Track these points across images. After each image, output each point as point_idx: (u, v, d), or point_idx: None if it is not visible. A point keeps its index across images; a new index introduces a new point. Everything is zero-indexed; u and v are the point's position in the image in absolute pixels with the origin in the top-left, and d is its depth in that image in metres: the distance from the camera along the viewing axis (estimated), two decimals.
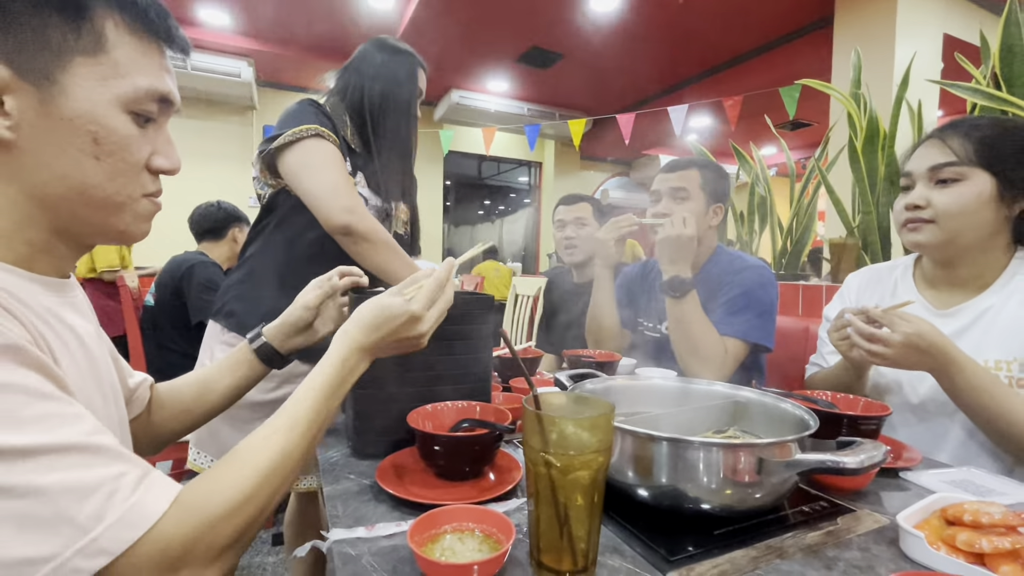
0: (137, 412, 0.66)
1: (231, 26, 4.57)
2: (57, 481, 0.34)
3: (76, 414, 0.38)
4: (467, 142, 6.39)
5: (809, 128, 6.25)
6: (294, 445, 0.48)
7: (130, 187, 0.47)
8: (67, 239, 0.48)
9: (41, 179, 0.43)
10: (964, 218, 0.83)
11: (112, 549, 0.35)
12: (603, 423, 0.45)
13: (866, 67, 2.01)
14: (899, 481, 0.69)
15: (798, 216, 2.13)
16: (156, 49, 0.48)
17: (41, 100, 0.42)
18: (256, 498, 0.44)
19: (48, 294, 0.47)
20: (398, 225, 1.27)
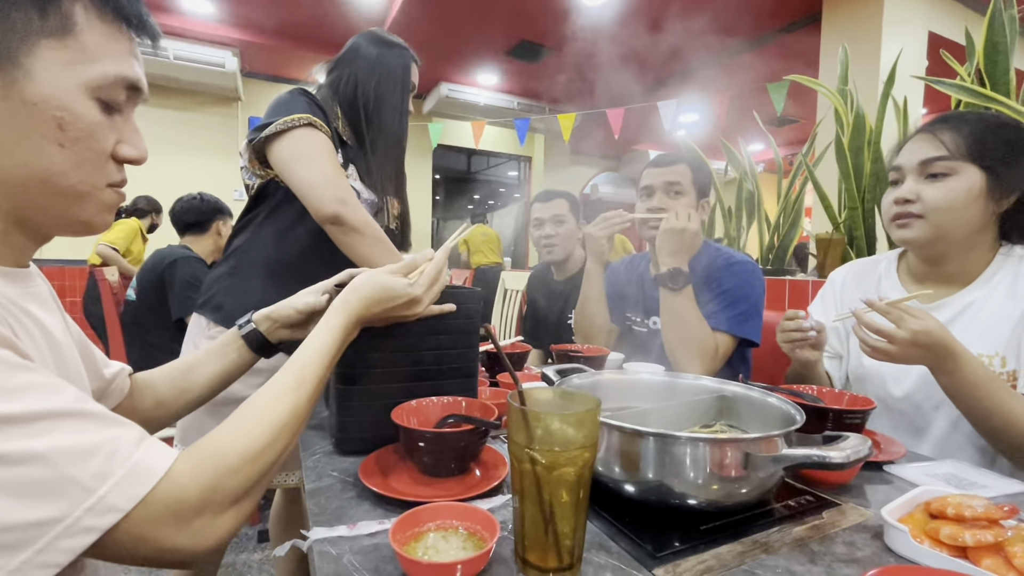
0: (116, 402, 0.65)
1: (215, 15, 4.48)
2: (55, 445, 0.34)
3: (58, 384, 0.37)
4: (456, 136, 6.34)
5: (797, 124, 6.31)
6: (301, 405, 0.51)
7: (95, 176, 0.45)
8: (25, 229, 0.46)
9: (1, 165, 0.41)
10: (953, 213, 0.82)
11: (121, 506, 0.35)
12: (589, 419, 0.45)
13: (853, 64, 2.02)
14: (883, 475, 0.69)
15: (785, 211, 2.15)
16: (125, 35, 0.46)
17: (4, 83, 0.40)
18: (270, 450, 0.46)
19: (7, 285, 0.45)
20: (389, 220, 1.25)
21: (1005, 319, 0.81)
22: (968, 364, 0.72)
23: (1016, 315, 0.80)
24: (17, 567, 0.32)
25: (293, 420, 0.50)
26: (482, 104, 5.71)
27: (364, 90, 1.16)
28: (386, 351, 0.71)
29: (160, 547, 0.38)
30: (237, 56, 4.82)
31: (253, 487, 0.45)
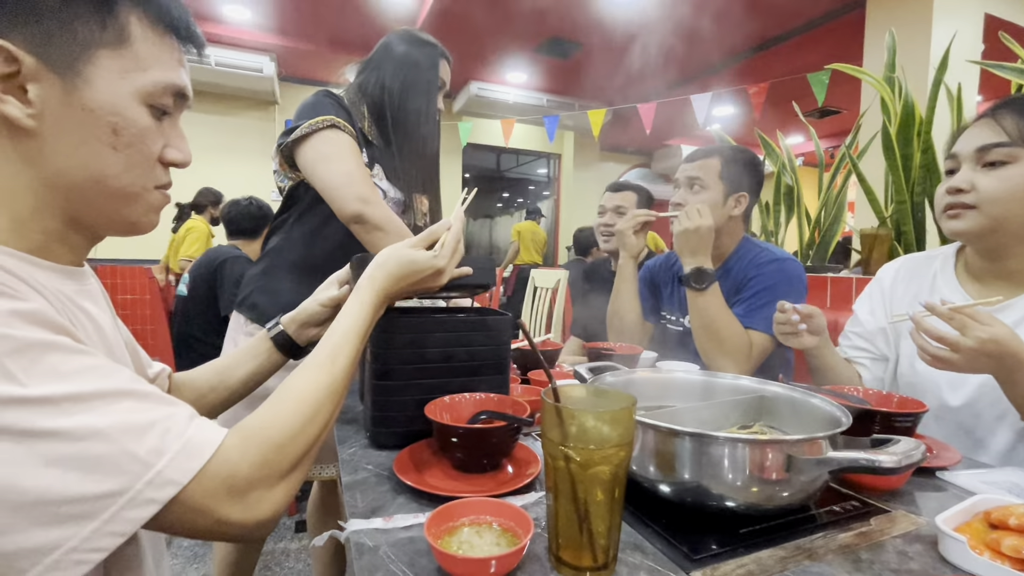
0: None
1: (253, 21, 4.62)
2: (114, 422, 0.36)
3: (113, 367, 0.40)
4: (486, 134, 6.36)
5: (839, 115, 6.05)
6: (337, 379, 0.53)
7: (144, 178, 0.48)
8: (80, 229, 0.48)
9: (60, 167, 0.44)
10: (1011, 204, 0.76)
11: (178, 479, 0.37)
12: (624, 417, 0.44)
13: (901, 50, 1.92)
14: (936, 481, 0.66)
15: (827, 206, 2.06)
16: (174, 44, 0.49)
17: (65, 90, 0.42)
18: (312, 424, 0.48)
19: (65, 282, 0.47)
20: (418, 217, 1.26)
21: None
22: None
23: None
24: (88, 535, 0.34)
25: (331, 394, 0.51)
26: (511, 102, 5.71)
27: (390, 89, 1.17)
28: (420, 347, 0.71)
29: (218, 519, 0.40)
30: (274, 61, 4.96)
31: (300, 460, 0.47)
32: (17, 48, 0.40)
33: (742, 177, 1.22)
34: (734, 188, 1.21)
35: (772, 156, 2.25)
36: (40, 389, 0.35)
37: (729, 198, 1.21)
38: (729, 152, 1.24)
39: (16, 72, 0.41)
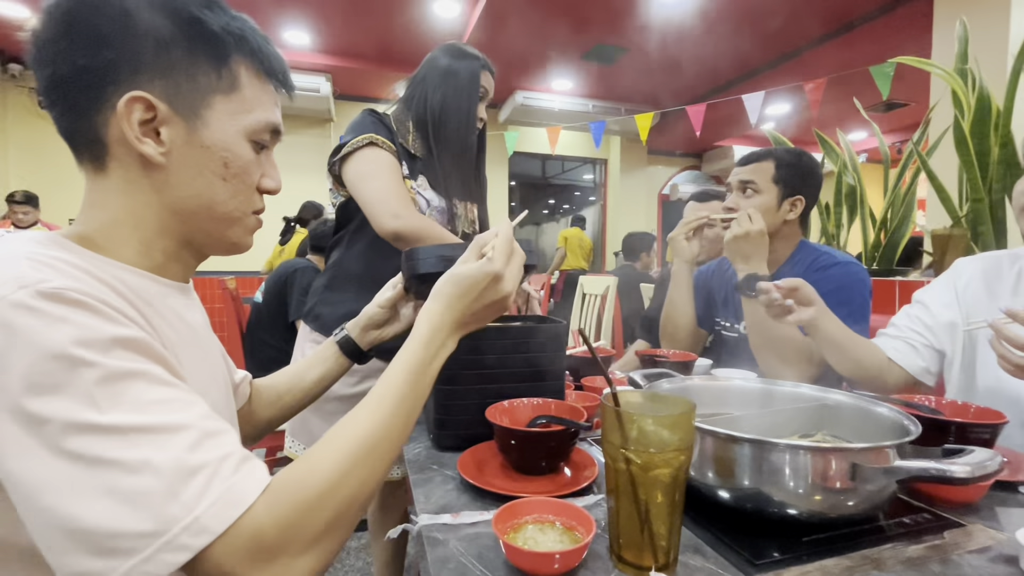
0: (240, 405, 0.74)
1: (311, 45, 4.90)
2: (168, 458, 0.36)
3: (192, 401, 0.41)
4: (532, 142, 6.42)
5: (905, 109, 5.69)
6: (381, 423, 0.48)
7: (245, 204, 0.55)
8: (191, 249, 0.56)
9: (181, 195, 0.51)
10: None
11: (214, 528, 0.36)
12: (684, 422, 0.45)
13: (974, 39, 1.81)
14: (1018, 496, 0.63)
15: (894, 206, 1.96)
16: (271, 88, 0.56)
17: (188, 131, 0.50)
18: (349, 480, 0.43)
19: (176, 296, 0.55)
20: (465, 224, 1.30)
21: None
22: None
23: None
24: (127, 571, 0.35)
25: (373, 441, 0.46)
26: (557, 109, 5.75)
27: (431, 102, 1.22)
28: (480, 354, 0.75)
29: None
30: (330, 81, 5.23)
31: (335, 522, 0.42)
32: (155, 98, 0.47)
33: (797, 180, 1.19)
34: (789, 192, 1.18)
35: (831, 155, 2.17)
36: (115, 417, 0.36)
37: (784, 202, 1.19)
38: (784, 154, 1.21)
39: (153, 118, 0.48)
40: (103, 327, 0.39)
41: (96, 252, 0.48)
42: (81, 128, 0.48)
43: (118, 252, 0.50)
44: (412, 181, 1.20)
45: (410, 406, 0.51)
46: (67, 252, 0.45)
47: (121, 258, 0.50)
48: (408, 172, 1.19)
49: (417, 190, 1.21)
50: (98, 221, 0.50)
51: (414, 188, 1.20)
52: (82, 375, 0.36)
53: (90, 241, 0.49)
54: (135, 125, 0.47)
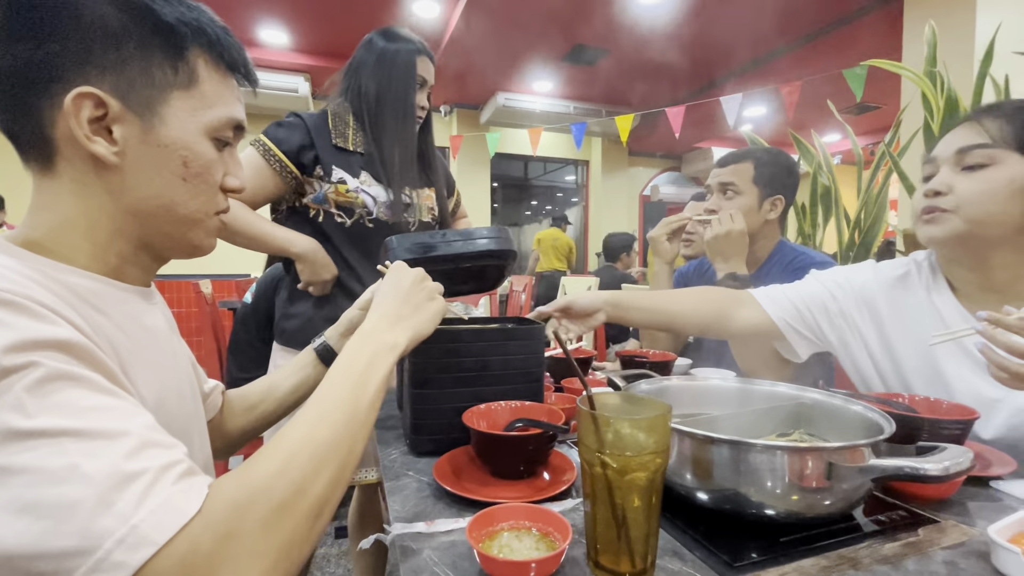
0: (211, 415, 0.72)
1: (289, 44, 4.83)
2: (102, 466, 0.33)
3: (135, 411, 0.38)
4: (513, 143, 6.42)
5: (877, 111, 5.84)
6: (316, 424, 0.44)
7: (207, 205, 0.53)
8: (150, 252, 0.53)
9: (138, 197, 0.49)
10: (990, 206, 0.72)
11: (154, 538, 0.32)
12: (660, 424, 0.45)
13: (942, 42, 1.86)
14: (989, 491, 0.63)
15: (867, 206, 2.00)
16: (233, 82, 0.54)
17: (143, 129, 0.47)
18: (282, 481, 0.39)
19: (135, 301, 0.52)
20: (423, 213, 1.26)
21: None
22: None
23: None
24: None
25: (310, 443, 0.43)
26: (538, 111, 5.76)
27: (366, 91, 1.19)
28: (457, 356, 0.74)
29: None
30: (308, 81, 5.16)
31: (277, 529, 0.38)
32: (105, 94, 0.45)
33: (777, 180, 1.20)
34: (769, 192, 1.20)
35: (807, 156, 2.21)
36: (41, 422, 0.33)
37: (764, 202, 1.20)
38: (762, 155, 1.23)
39: (104, 115, 0.45)
40: (38, 328, 0.36)
41: (44, 256, 0.45)
42: (26, 126, 0.45)
43: (68, 256, 0.47)
44: (353, 182, 1.17)
45: (350, 406, 0.47)
46: (8, 256, 0.42)
47: (72, 262, 0.47)
48: (344, 174, 1.17)
49: (361, 189, 1.18)
50: (47, 224, 0.47)
51: (358, 189, 1.18)
52: (9, 378, 0.33)
53: (37, 245, 0.46)
54: (84, 123, 0.45)
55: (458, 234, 0.82)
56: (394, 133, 1.20)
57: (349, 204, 1.18)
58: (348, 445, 0.45)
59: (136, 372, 0.46)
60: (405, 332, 0.58)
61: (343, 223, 1.18)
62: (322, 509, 0.41)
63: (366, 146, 1.21)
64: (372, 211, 1.19)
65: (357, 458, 0.46)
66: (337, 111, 1.21)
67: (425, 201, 1.28)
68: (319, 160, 1.16)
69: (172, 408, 0.53)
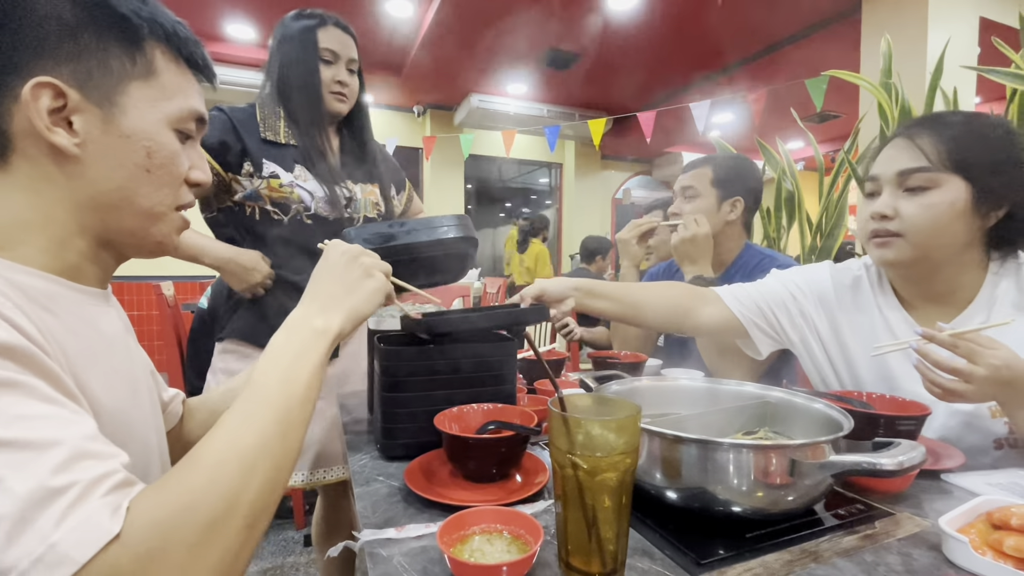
0: (171, 425, 0.69)
1: (256, 39, 4.70)
2: (28, 478, 0.31)
3: (75, 420, 0.36)
4: (487, 145, 6.41)
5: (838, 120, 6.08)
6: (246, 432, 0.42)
7: (171, 198, 0.52)
8: (111, 249, 0.52)
9: (100, 189, 0.47)
10: (934, 231, 0.75)
11: (75, 557, 0.31)
12: (630, 424, 0.45)
13: (897, 55, 1.95)
14: (940, 484, 0.66)
15: (828, 211, 2.08)
16: (191, 75, 0.53)
17: (103, 119, 0.46)
18: (210, 493, 0.37)
19: (90, 303, 0.50)
20: (367, 208, 1.19)
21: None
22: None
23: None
24: None
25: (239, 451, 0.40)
26: (512, 113, 5.77)
27: (279, 76, 1.13)
28: (428, 359, 0.73)
29: None
30: None
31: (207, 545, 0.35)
32: (64, 84, 0.44)
33: (735, 182, 1.25)
34: (728, 194, 1.24)
35: (772, 162, 2.27)
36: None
37: (724, 203, 1.24)
38: (721, 160, 1.27)
39: (63, 106, 0.44)
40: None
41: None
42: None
43: (20, 254, 0.45)
44: (287, 176, 1.11)
45: (280, 402, 0.44)
46: None
47: (23, 260, 0.45)
48: (277, 168, 1.11)
49: (296, 184, 1.12)
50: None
51: (292, 183, 1.12)
52: None
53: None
54: (44, 113, 0.43)
55: (418, 223, 0.80)
56: (307, 115, 1.13)
57: (284, 200, 1.11)
58: (280, 445, 0.42)
59: (89, 378, 0.44)
60: (339, 314, 0.54)
61: (280, 220, 1.12)
62: (257, 518, 0.39)
63: (298, 138, 1.15)
64: (310, 207, 1.12)
65: (293, 458, 0.44)
66: (265, 102, 1.15)
67: (369, 196, 1.20)
68: (247, 154, 1.10)
69: (128, 417, 0.50)
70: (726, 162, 1.27)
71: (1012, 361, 0.62)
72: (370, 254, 0.61)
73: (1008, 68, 1.45)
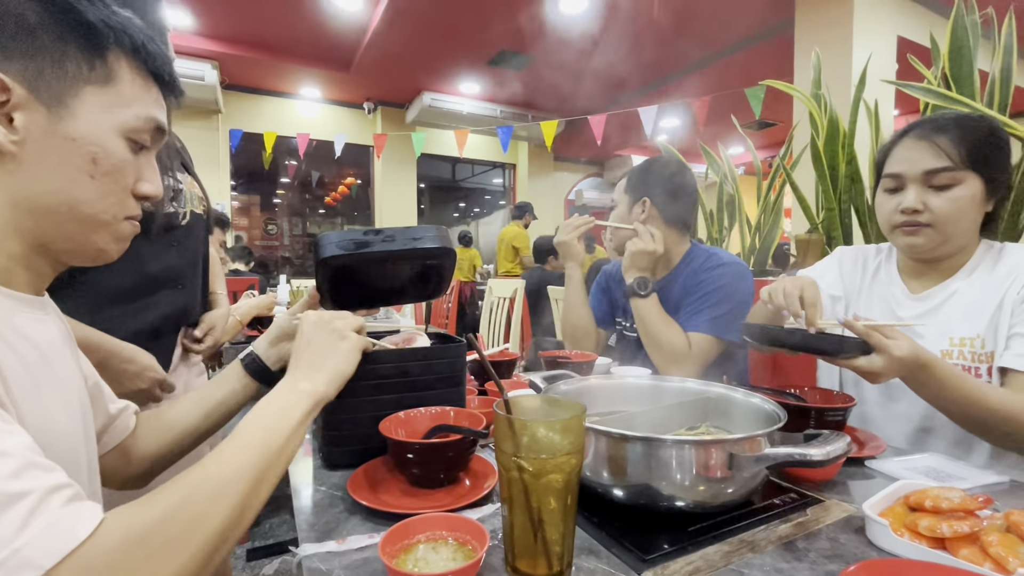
0: (122, 437, 0.64)
1: (194, 27, 4.45)
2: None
3: (12, 431, 0.36)
4: (440, 144, 6.36)
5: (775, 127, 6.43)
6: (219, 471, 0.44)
7: (116, 207, 0.49)
8: (46, 254, 0.48)
9: (35, 191, 0.45)
10: (960, 221, 0.85)
11: (40, 562, 0.31)
12: (575, 425, 0.45)
13: (826, 68, 2.07)
14: (866, 470, 0.71)
15: (765, 213, 2.19)
16: (156, 89, 0.52)
17: (50, 120, 0.44)
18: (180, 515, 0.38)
19: (23, 311, 0.47)
20: (193, 203, 1.02)
21: (984, 306, 0.85)
22: (939, 368, 0.73)
23: (994, 302, 0.84)
24: None
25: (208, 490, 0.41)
26: (465, 112, 5.75)
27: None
28: (374, 362, 0.71)
29: None
30: (216, 69, 4.79)
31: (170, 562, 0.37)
32: (10, 79, 0.42)
33: (640, 185, 1.30)
34: (636, 197, 1.30)
35: (714, 166, 2.37)
36: None
37: (634, 207, 1.29)
38: (635, 167, 1.35)
39: (6, 101, 0.42)
40: None
41: None
42: None
43: None
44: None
45: (260, 446, 0.47)
46: None
47: None
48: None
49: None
50: None
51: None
52: None
53: None
54: None
55: (395, 231, 0.78)
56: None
57: None
58: (253, 484, 0.45)
59: (18, 391, 0.41)
60: (321, 377, 0.59)
61: None
62: (219, 546, 0.40)
63: None
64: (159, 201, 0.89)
65: (262, 499, 0.46)
66: None
67: (192, 188, 1.04)
68: None
69: (58, 432, 0.46)
70: (637, 168, 1.34)
71: (910, 349, 0.72)
72: (342, 316, 0.65)
73: (921, 83, 1.58)
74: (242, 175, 6.32)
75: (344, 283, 0.73)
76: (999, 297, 0.84)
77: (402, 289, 0.81)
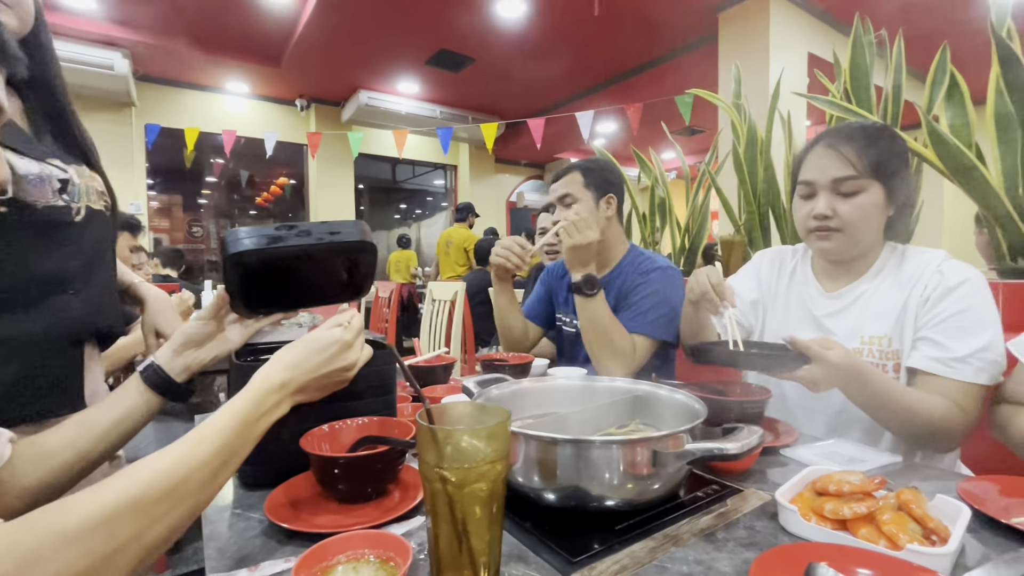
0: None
1: (100, 12, 4.08)
2: None
3: None
4: (379, 145, 6.20)
5: (703, 134, 6.78)
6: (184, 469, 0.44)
7: None
8: None
9: None
10: (865, 225, 0.92)
11: None
12: (500, 431, 0.44)
13: (745, 80, 2.21)
14: (780, 458, 0.75)
15: (693, 216, 2.29)
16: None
17: None
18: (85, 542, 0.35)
19: None
20: (91, 197, 0.87)
21: (891, 306, 0.92)
22: (868, 373, 0.79)
23: (900, 303, 0.91)
24: None
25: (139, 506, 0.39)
26: (404, 113, 5.64)
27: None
28: None
29: None
30: (128, 58, 4.42)
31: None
32: None
33: (602, 182, 1.32)
34: (601, 192, 1.31)
35: (646, 171, 2.46)
36: None
37: (600, 202, 1.31)
38: (584, 164, 1.35)
39: None
40: None
41: None
42: None
43: None
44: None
45: (225, 458, 0.48)
46: None
47: None
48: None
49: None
50: None
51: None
52: None
53: None
54: None
55: (311, 225, 0.73)
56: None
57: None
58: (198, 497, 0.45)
59: None
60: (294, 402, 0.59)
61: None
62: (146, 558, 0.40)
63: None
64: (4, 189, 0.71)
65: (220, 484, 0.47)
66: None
67: (90, 183, 0.90)
68: None
69: None
70: (590, 164, 1.35)
71: (843, 359, 0.78)
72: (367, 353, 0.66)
73: (827, 96, 1.71)
74: (161, 173, 5.86)
75: (256, 282, 0.68)
76: (903, 299, 0.91)
77: (321, 289, 0.77)
